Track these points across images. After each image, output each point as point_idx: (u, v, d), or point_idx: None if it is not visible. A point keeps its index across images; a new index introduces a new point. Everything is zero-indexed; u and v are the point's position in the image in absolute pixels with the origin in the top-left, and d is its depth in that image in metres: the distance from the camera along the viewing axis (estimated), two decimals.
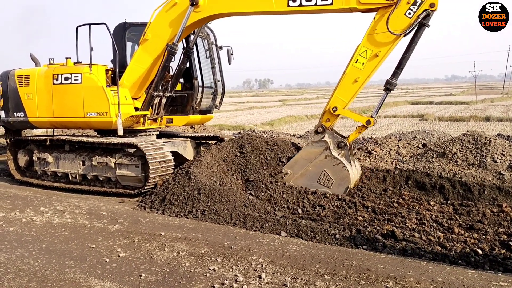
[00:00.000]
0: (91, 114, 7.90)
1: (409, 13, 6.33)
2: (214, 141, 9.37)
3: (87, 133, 11.14)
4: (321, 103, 44.26)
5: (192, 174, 6.93)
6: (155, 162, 7.30)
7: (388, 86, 6.80)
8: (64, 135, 9.17)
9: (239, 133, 14.35)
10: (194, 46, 8.55)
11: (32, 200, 7.37)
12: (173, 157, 7.75)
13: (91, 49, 7.73)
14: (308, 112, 28.90)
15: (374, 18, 6.56)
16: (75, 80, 7.99)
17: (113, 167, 7.66)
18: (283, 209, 6.35)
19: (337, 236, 5.16)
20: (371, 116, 6.81)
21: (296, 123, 23.42)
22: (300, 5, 6.78)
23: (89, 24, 7.72)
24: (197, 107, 8.89)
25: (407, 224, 5.52)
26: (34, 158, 8.70)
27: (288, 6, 6.84)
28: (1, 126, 9.83)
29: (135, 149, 7.52)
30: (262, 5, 7.02)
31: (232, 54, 9.36)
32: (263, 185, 6.82)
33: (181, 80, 8.83)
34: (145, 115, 8.19)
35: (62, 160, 8.33)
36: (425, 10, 6.27)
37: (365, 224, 5.56)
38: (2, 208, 6.80)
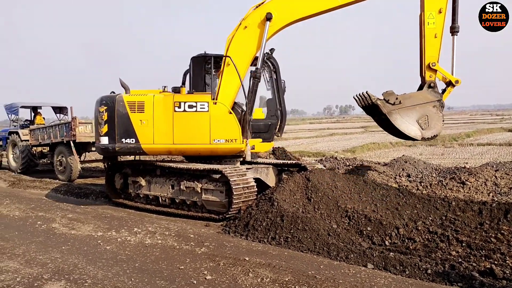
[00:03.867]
0: (218, 141, 8.24)
1: None
2: (296, 169, 9.37)
3: (174, 159, 11.74)
4: None
5: (275, 200, 6.97)
6: (238, 188, 7.47)
7: (455, 30, 8.10)
8: (156, 161, 9.75)
9: (321, 159, 14.21)
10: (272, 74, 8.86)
11: (126, 221, 7.88)
12: (256, 183, 7.89)
13: (212, 79, 8.23)
14: (393, 139, 27.82)
15: None
16: (201, 108, 8.26)
17: (199, 192, 7.96)
18: (368, 240, 6.15)
19: (429, 271, 4.86)
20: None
21: (379, 150, 22.64)
22: None
23: (212, 56, 8.27)
24: (279, 134, 9.06)
25: (507, 261, 5.05)
26: (128, 181, 9.33)
27: None
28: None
29: (220, 175, 7.77)
30: (324, 3, 8.17)
31: (285, 87, 9.39)
32: (347, 215, 6.68)
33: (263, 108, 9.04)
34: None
35: (154, 184, 8.84)
36: None
37: (460, 260, 5.18)
38: (100, 228, 7.34)
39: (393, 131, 8.75)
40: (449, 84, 8.39)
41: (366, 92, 8.50)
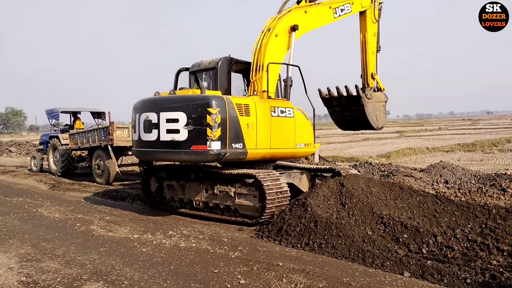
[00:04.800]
0: (300, 145, 8.76)
1: (380, 7, 10.58)
2: (330, 174, 9.29)
3: (208, 164, 11.84)
4: (444, 134, 41.44)
5: (309, 206, 6.93)
6: (271, 192, 7.46)
7: (378, 49, 10.74)
8: (189, 165, 9.87)
9: (355, 165, 14.03)
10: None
11: (161, 223, 8.01)
12: (289, 188, 7.86)
13: (290, 85, 8.73)
14: (429, 144, 27.16)
15: (365, 17, 10.45)
16: (288, 114, 8.61)
17: (233, 196, 8.01)
18: (405, 248, 6.02)
19: (468, 280, 4.71)
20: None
21: (415, 156, 22.10)
22: (339, 15, 9.82)
23: (287, 64, 8.65)
24: None
25: None
26: (163, 185, 9.50)
27: (334, 17, 9.77)
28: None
29: (253, 179, 7.79)
30: (323, 20, 9.69)
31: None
32: (382, 221, 6.56)
33: None
34: None
35: (188, 188, 8.96)
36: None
37: (501, 270, 4.98)
38: (136, 230, 7.49)
39: (357, 121, 10.98)
40: (379, 90, 10.91)
41: (356, 86, 10.55)
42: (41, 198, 11.20)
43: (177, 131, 7.76)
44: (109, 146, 13.19)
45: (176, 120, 7.78)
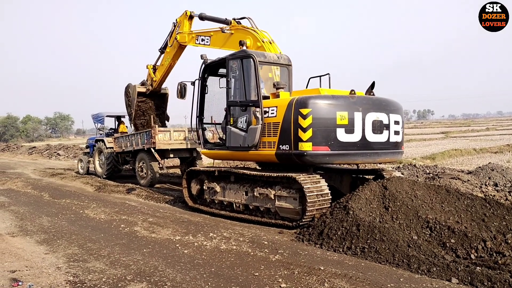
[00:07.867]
0: None
1: None
2: (372, 176, 9.08)
3: (248, 165, 11.88)
4: (492, 135, 39.66)
5: (350, 209, 6.79)
6: (312, 195, 7.37)
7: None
8: (229, 167, 9.94)
9: (398, 167, 13.67)
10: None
11: (202, 225, 8.09)
12: (330, 191, 7.74)
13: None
14: (477, 145, 26.06)
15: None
16: None
17: (273, 198, 7.97)
18: (452, 253, 5.78)
19: None
20: None
21: (462, 157, 21.25)
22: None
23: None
24: None
25: None
26: (204, 187, 9.60)
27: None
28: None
29: (294, 182, 7.72)
30: None
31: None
32: (428, 226, 6.33)
33: None
34: None
35: (228, 190, 9.01)
36: None
37: None
38: (178, 232, 7.60)
39: None
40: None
41: None
42: (87, 199, 11.59)
43: (398, 133, 8.38)
44: (151, 149, 13.48)
45: (398, 122, 8.35)
